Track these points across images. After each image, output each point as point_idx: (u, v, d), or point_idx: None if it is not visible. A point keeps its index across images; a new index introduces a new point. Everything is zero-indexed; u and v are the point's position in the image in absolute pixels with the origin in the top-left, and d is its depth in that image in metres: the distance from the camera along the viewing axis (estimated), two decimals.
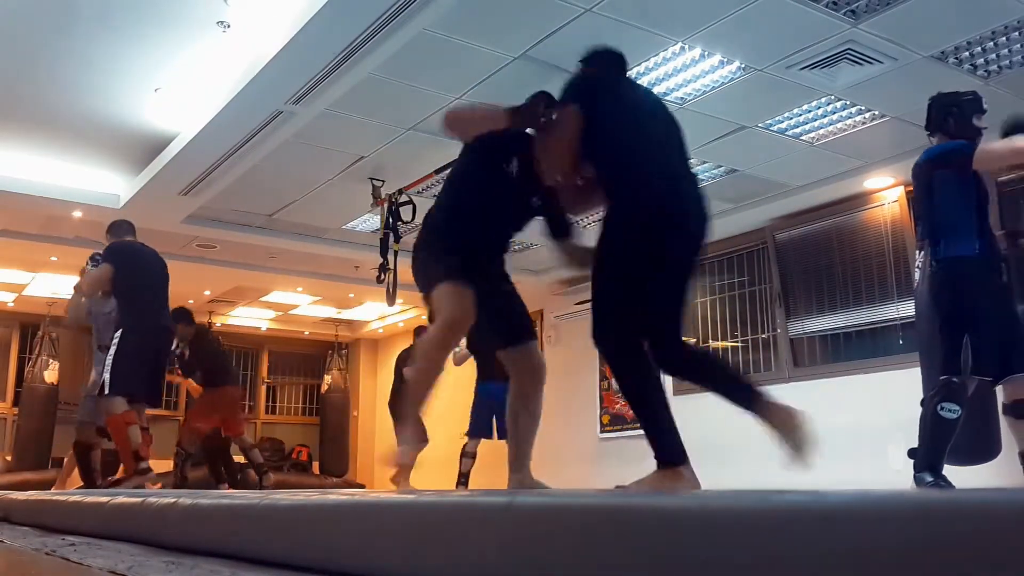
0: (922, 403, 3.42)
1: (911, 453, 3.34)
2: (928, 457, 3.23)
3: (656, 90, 4.68)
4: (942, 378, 3.30)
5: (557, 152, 2.59)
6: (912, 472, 3.46)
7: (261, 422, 11.75)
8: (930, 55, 4.28)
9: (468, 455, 6.90)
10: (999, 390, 3.63)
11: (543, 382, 2.85)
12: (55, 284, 9.05)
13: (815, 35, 4.11)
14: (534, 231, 2.88)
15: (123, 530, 2.37)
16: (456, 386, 7.71)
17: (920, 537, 0.74)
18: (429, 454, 11.02)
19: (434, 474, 9.07)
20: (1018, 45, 4.20)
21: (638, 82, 4.11)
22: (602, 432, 8.22)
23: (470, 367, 6.97)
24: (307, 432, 11.77)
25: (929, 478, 3.22)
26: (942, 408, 3.21)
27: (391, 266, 6.12)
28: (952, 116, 3.47)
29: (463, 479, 6.90)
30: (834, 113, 5.00)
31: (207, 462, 7.50)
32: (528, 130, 2.68)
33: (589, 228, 2.95)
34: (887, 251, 6.10)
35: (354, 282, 8.83)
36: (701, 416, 3.35)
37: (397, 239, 6.12)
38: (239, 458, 7.82)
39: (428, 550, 1.27)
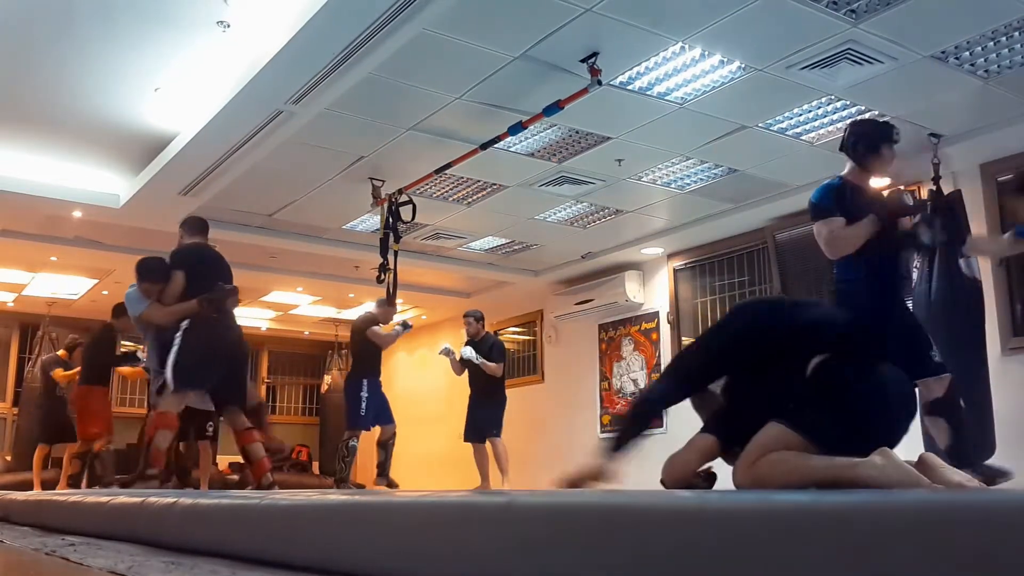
0: None
1: None
2: None
3: (656, 90, 4.68)
4: None
5: None
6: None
7: None
8: (930, 55, 4.28)
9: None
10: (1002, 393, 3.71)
11: None
12: (55, 284, 9.05)
13: (815, 35, 4.11)
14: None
15: (123, 530, 2.37)
16: (461, 392, 7.71)
17: (919, 537, 0.74)
18: (429, 454, 11.04)
19: (435, 474, 9.07)
20: (1018, 45, 4.20)
21: None
22: (602, 432, 8.21)
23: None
24: (307, 432, 11.78)
25: None
26: None
27: (391, 266, 6.12)
28: (850, 141, 3.78)
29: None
30: (834, 113, 4.99)
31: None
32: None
33: None
34: None
35: (354, 282, 8.83)
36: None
37: (397, 239, 6.11)
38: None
39: (428, 550, 1.27)
